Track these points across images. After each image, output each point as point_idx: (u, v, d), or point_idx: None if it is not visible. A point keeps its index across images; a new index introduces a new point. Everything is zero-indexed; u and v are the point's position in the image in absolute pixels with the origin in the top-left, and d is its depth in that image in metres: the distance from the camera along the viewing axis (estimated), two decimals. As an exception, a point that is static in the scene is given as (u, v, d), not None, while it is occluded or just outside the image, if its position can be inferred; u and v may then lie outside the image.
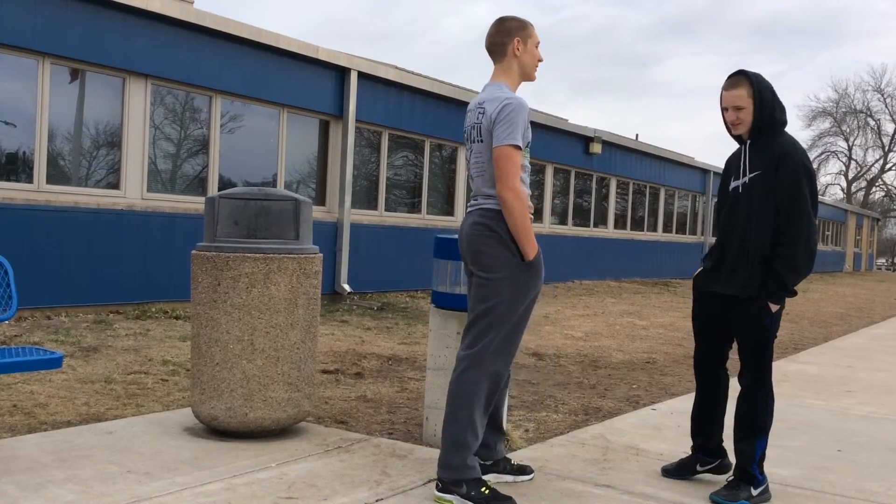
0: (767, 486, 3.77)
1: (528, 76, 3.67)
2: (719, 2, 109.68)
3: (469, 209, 3.67)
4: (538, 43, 3.67)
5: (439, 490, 3.47)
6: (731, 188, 3.85)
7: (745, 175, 3.75)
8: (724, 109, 3.79)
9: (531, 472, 3.86)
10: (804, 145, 4.01)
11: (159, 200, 9.86)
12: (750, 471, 3.73)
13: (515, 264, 3.47)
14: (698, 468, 4.01)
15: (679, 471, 4.02)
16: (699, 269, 4.01)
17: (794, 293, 3.68)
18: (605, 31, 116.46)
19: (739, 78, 3.75)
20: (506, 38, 3.59)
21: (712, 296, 3.87)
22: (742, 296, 3.70)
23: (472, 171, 3.64)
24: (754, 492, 3.70)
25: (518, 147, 3.44)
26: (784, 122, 3.76)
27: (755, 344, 3.72)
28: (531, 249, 3.46)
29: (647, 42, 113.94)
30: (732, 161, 3.91)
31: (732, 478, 3.80)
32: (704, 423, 4.02)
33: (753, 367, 3.74)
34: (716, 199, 4.22)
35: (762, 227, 3.66)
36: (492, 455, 3.78)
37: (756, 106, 3.69)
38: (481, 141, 3.53)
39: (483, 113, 3.51)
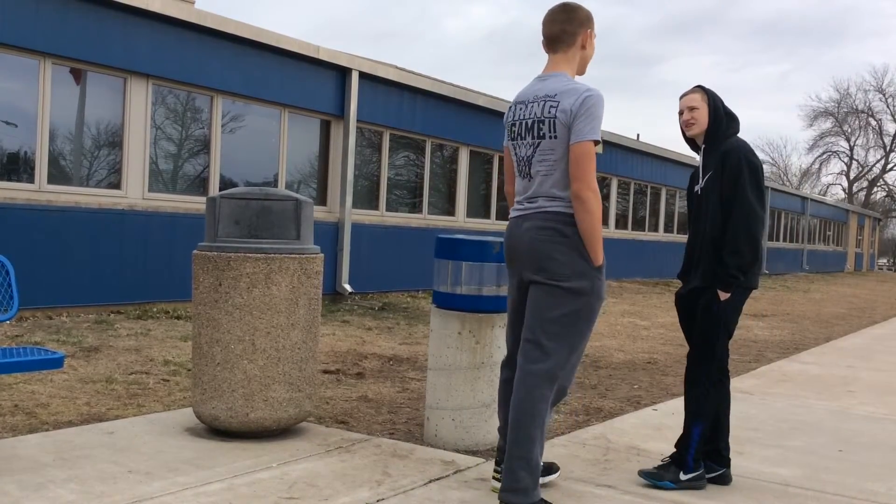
0: (701, 475, 3.82)
1: (584, 70, 3.50)
2: (723, 1, 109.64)
3: (523, 212, 3.41)
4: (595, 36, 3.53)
5: None
6: (695, 193, 4.04)
7: (702, 179, 3.95)
8: (679, 114, 4.01)
9: (557, 469, 3.76)
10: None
11: (160, 200, 9.86)
12: (684, 456, 3.81)
13: (589, 270, 3.29)
14: (662, 459, 4.04)
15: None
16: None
17: (738, 279, 3.74)
18: (607, 31, 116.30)
19: (695, 87, 4.03)
20: (578, 28, 3.39)
21: (686, 296, 3.98)
22: (702, 285, 3.84)
23: (532, 169, 3.37)
24: (683, 476, 3.78)
25: (598, 143, 3.26)
26: (735, 129, 3.95)
27: (703, 329, 3.84)
28: (601, 253, 3.31)
29: (651, 42, 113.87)
30: (695, 170, 4.10)
31: (668, 459, 3.92)
32: (713, 426, 3.95)
33: (701, 353, 3.85)
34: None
35: (715, 221, 3.83)
36: None
37: (710, 109, 3.92)
38: (554, 137, 3.28)
39: (556, 106, 3.26)
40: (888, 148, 60.08)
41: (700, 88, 3.98)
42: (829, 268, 38.25)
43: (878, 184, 62.27)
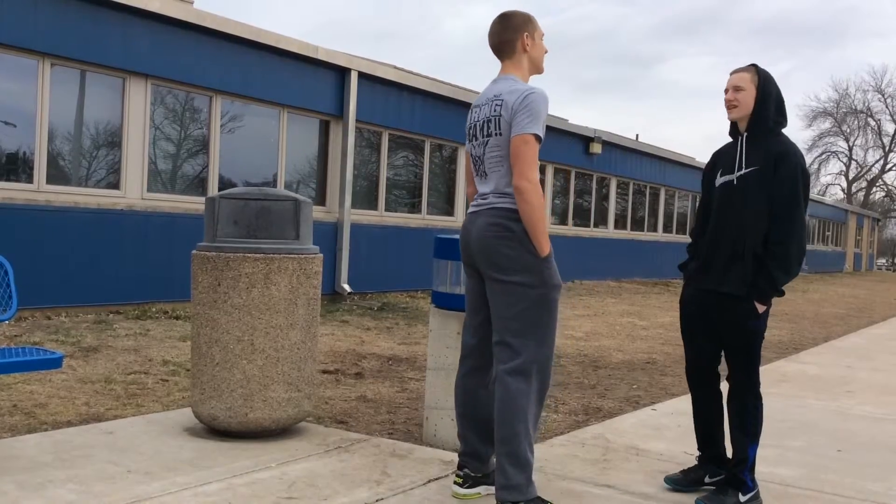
0: (758, 493, 3.67)
1: (538, 69, 3.59)
2: (724, 1, 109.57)
3: (475, 209, 3.50)
4: (543, 35, 3.60)
5: None
6: (721, 182, 3.75)
7: (739, 169, 3.66)
8: (725, 91, 3.73)
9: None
10: (804, 145, 4.04)
11: (159, 200, 9.86)
12: (741, 477, 3.63)
13: (536, 263, 3.35)
14: (707, 480, 3.86)
15: (687, 482, 3.86)
16: (687, 272, 3.91)
17: (783, 293, 3.63)
18: (609, 31, 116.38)
19: (749, 66, 3.73)
20: (514, 34, 3.49)
21: (703, 294, 3.76)
22: (737, 293, 3.60)
23: (485, 167, 3.47)
24: (742, 498, 3.61)
25: (539, 138, 3.32)
26: (782, 124, 3.70)
27: (743, 345, 3.63)
28: (547, 244, 3.35)
29: (651, 42, 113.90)
30: (723, 154, 3.80)
31: (722, 482, 3.73)
32: (712, 432, 3.90)
33: (742, 369, 3.65)
34: (700, 194, 4.06)
35: (757, 224, 3.59)
36: (483, 468, 3.61)
37: (758, 94, 3.64)
38: (500, 134, 3.39)
39: (501, 104, 3.38)
40: (887, 148, 60.15)
41: (753, 67, 3.69)
42: (828, 268, 38.25)
43: (877, 184, 62.36)
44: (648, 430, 5.04)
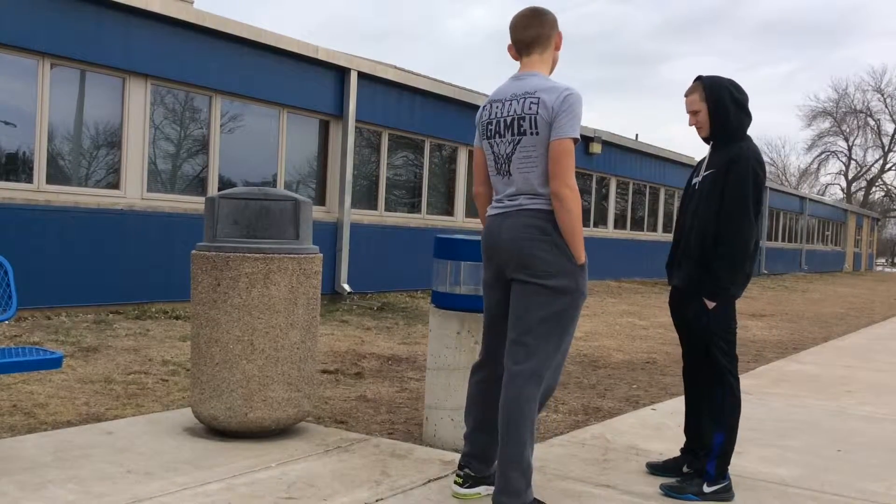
0: (727, 486, 3.72)
1: (553, 71, 3.51)
2: (728, 1, 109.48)
3: (503, 209, 3.39)
4: None
5: None
6: (689, 185, 4.00)
7: (701, 174, 3.87)
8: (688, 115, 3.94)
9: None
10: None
11: (159, 200, 9.86)
12: (705, 466, 3.74)
13: (572, 268, 3.28)
14: (685, 469, 3.96)
15: (665, 469, 4.00)
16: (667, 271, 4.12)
17: (729, 292, 3.70)
18: (610, 31, 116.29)
19: (695, 84, 3.87)
20: (551, 30, 3.42)
21: (673, 291, 3.99)
22: (686, 289, 3.82)
23: (510, 166, 3.36)
24: (707, 489, 3.69)
25: (577, 141, 3.27)
26: (743, 125, 3.80)
27: (700, 338, 3.82)
28: (583, 250, 3.30)
29: (654, 41, 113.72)
30: (699, 162, 4.03)
31: (692, 471, 3.86)
32: (691, 423, 4.02)
33: (709, 361, 3.81)
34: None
35: (704, 224, 3.75)
36: (485, 469, 3.60)
37: (710, 109, 3.79)
38: (536, 133, 3.27)
39: (538, 102, 3.26)
40: (886, 148, 60.21)
41: (699, 84, 3.82)
42: (828, 268, 38.27)
43: (877, 184, 62.41)
44: (648, 429, 5.04)
